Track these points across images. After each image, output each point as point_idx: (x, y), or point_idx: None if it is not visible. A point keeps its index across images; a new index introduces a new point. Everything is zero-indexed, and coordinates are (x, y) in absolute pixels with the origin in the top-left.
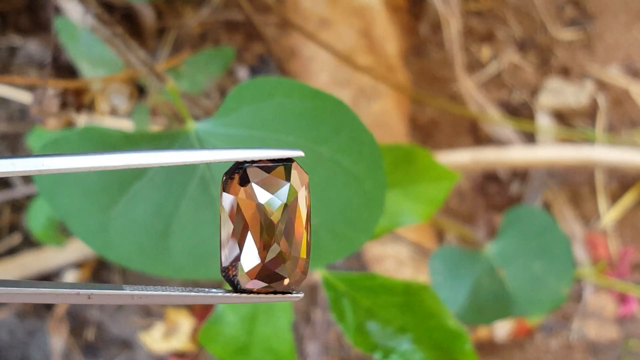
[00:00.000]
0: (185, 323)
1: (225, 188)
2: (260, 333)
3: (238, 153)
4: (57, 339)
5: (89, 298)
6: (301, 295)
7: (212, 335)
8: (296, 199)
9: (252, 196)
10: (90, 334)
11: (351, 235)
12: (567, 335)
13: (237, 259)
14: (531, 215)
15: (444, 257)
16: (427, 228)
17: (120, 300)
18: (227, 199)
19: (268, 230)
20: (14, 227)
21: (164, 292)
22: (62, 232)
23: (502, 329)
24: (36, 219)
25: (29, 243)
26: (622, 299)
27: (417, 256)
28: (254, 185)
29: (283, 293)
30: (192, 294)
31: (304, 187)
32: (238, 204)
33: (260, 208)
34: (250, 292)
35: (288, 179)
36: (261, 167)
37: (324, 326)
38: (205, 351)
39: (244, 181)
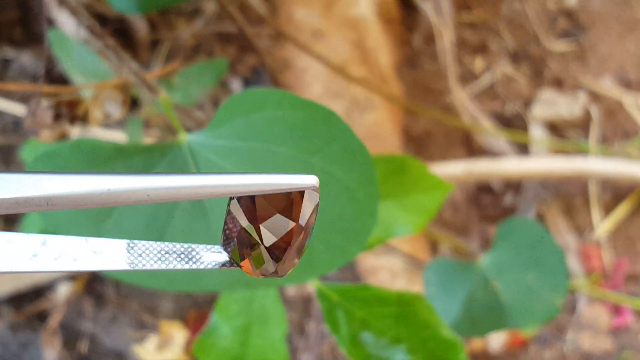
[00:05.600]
0: (178, 335)
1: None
2: (254, 344)
3: (247, 179)
4: (51, 352)
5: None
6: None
7: (206, 347)
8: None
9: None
10: (83, 347)
11: (344, 245)
12: (561, 346)
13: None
14: (525, 227)
15: (437, 268)
16: (420, 239)
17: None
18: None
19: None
20: None
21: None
22: None
23: (496, 340)
24: (29, 231)
25: None
26: (616, 310)
27: (411, 268)
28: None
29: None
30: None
31: (310, 215)
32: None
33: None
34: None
35: (295, 218)
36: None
37: (318, 338)
38: None
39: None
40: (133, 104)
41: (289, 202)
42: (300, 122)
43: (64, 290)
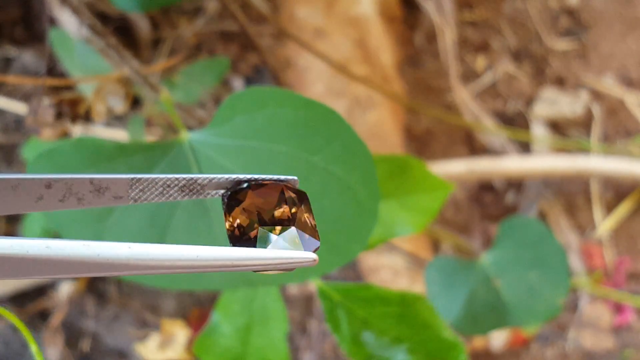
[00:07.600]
0: (180, 334)
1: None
2: (255, 344)
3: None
4: (53, 350)
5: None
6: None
7: (207, 346)
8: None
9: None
10: (85, 345)
11: (345, 245)
12: (562, 345)
13: None
14: (526, 225)
15: (439, 267)
16: (422, 238)
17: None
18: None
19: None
20: None
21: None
22: None
23: (498, 339)
24: (31, 229)
25: None
26: (618, 308)
27: (413, 266)
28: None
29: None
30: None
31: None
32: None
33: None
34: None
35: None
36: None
37: (320, 337)
38: None
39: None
40: (135, 102)
41: None
42: (302, 121)
43: (66, 289)
